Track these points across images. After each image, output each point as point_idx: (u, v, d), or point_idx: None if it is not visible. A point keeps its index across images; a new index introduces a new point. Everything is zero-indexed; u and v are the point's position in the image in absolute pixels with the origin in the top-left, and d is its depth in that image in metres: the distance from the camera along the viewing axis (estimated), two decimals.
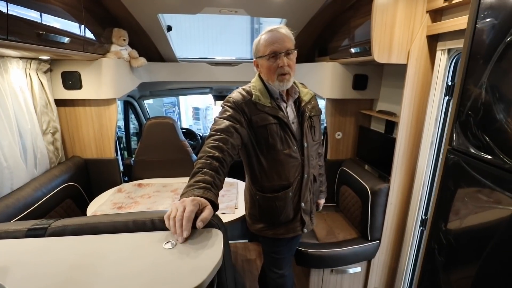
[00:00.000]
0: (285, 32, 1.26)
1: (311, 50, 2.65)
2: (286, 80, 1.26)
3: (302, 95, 1.40)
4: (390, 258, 2.05)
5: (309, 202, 1.47)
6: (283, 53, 1.23)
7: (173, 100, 7.30)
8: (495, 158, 0.80)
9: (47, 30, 1.40)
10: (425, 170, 1.75)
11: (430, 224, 1.16)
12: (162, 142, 2.46)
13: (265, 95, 1.31)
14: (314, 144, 1.44)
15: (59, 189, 1.90)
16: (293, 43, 1.28)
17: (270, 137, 1.30)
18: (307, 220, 1.48)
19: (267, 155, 1.34)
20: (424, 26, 1.58)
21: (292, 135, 1.34)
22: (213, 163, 1.06)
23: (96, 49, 1.94)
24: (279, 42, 1.22)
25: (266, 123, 1.28)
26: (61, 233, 0.95)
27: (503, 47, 0.75)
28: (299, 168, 1.38)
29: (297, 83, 1.42)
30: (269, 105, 1.29)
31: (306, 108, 1.38)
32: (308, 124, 1.38)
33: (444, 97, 1.62)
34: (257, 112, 1.28)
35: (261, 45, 1.26)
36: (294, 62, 1.30)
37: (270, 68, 1.26)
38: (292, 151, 1.34)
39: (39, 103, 1.91)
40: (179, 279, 0.74)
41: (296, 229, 1.47)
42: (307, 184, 1.42)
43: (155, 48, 2.47)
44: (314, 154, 1.47)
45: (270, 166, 1.36)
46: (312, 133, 1.41)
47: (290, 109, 1.38)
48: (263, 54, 1.25)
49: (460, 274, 1.03)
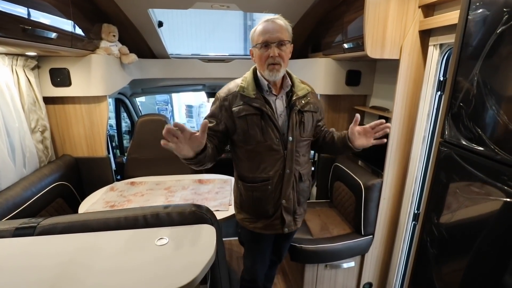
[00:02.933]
0: (281, 23, 1.25)
1: (305, 46, 2.65)
2: (276, 70, 1.25)
3: (296, 89, 1.37)
4: (383, 252, 2.07)
5: (292, 200, 1.42)
6: (275, 44, 1.22)
7: (166, 98, 7.24)
8: (487, 149, 0.81)
9: (33, 25, 1.36)
10: (418, 165, 1.76)
11: (423, 217, 1.17)
12: (154, 140, 2.42)
13: (252, 86, 1.31)
14: (303, 140, 1.39)
15: (49, 189, 1.86)
16: (289, 35, 1.27)
17: (250, 128, 1.29)
18: (288, 219, 1.43)
19: (247, 145, 1.34)
20: (416, 21, 1.59)
21: (275, 127, 1.31)
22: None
23: (85, 45, 1.90)
24: (271, 32, 1.22)
25: (246, 113, 1.28)
26: (51, 232, 0.93)
27: (494, 38, 0.75)
28: (281, 162, 1.35)
29: (293, 77, 1.41)
30: (253, 96, 1.29)
31: (296, 102, 1.34)
32: (297, 119, 1.35)
33: (436, 92, 1.63)
34: (239, 103, 1.29)
35: (255, 34, 1.27)
36: (288, 54, 1.28)
37: (260, 57, 1.26)
38: (273, 144, 1.32)
39: (27, 100, 1.86)
40: (171, 275, 0.73)
41: (275, 227, 1.44)
42: (290, 180, 1.37)
43: (146, 45, 2.44)
44: (303, 151, 1.42)
45: (251, 156, 1.35)
46: (301, 129, 1.37)
47: (280, 102, 1.36)
48: (256, 43, 1.26)
49: (452, 267, 1.04)
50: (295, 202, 1.44)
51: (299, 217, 1.51)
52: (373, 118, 2.23)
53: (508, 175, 0.76)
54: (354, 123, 1.33)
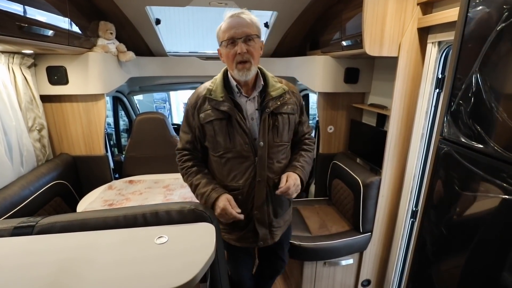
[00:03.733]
0: (246, 17, 1.15)
1: (303, 43, 2.64)
2: (246, 69, 1.15)
3: (270, 89, 1.25)
4: (382, 250, 2.08)
5: (266, 212, 1.31)
6: (241, 39, 1.12)
7: (164, 96, 7.21)
8: (486, 146, 0.81)
9: (29, 22, 1.35)
10: (416, 163, 1.77)
11: (421, 214, 1.17)
12: (152, 138, 2.43)
13: (220, 88, 1.22)
14: (277, 146, 1.27)
15: (47, 187, 1.85)
16: (257, 29, 1.18)
17: (217, 134, 1.22)
18: (262, 232, 1.33)
19: (216, 152, 1.26)
20: (415, 19, 1.58)
21: (244, 132, 1.21)
22: (192, 169, 1.30)
23: (82, 43, 1.89)
24: (237, 28, 1.12)
25: (212, 118, 1.20)
26: (49, 231, 0.93)
27: (494, 35, 0.75)
28: (252, 169, 1.24)
29: (268, 76, 1.29)
30: (221, 99, 1.20)
31: (269, 104, 1.22)
32: (270, 122, 1.23)
33: (435, 90, 1.63)
34: (205, 108, 1.22)
35: (221, 31, 1.17)
36: (257, 50, 1.18)
37: (228, 56, 1.16)
38: (243, 150, 1.22)
39: (24, 99, 1.85)
40: (171, 274, 0.73)
41: (247, 240, 1.35)
42: (262, 189, 1.27)
43: (144, 42, 2.42)
44: (278, 157, 1.29)
45: (221, 164, 1.27)
46: (275, 133, 1.25)
47: (252, 104, 1.25)
48: (222, 41, 1.17)
49: (451, 263, 1.05)
50: (270, 213, 1.33)
51: (277, 229, 1.40)
52: (372, 115, 2.23)
53: (507, 173, 0.76)
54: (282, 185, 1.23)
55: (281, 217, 1.40)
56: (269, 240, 1.38)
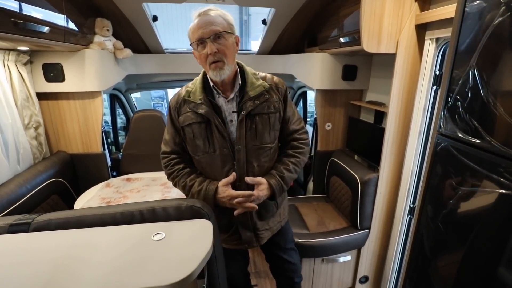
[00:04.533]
0: (214, 13, 1.08)
1: (301, 40, 2.64)
2: (219, 68, 1.09)
3: (249, 88, 1.18)
4: (379, 246, 2.09)
5: (249, 215, 1.27)
6: (210, 38, 1.06)
7: (162, 94, 7.18)
8: (483, 141, 0.81)
9: (24, 19, 1.34)
10: (413, 159, 1.77)
11: (419, 210, 1.17)
12: (150, 136, 2.42)
13: (200, 90, 1.18)
14: (257, 149, 1.21)
15: (44, 185, 1.85)
16: (227, 25, 1.10)
17: (196, 137, 1.19)
18: (246, 235, 1.30)
19: (196, 156, 1.24)
20: (412, 15, 1.58)
21: (221, 135, 1.16)
22: (185, 170, 1.27)
23: (78, 40, 1.87)
24: (204, 27, 1.06)
25: (190, 122, 1.18)
26: (46, 228, 0.92)
27: (491, 30, 0.75)
28: (231, 173, 1.20)
29: (248, 74, 1.22)
30: (199, 101, 1.16)
31: (246, 104, 1.16)
32: (247, 124, 1.17)
33: (432, 87, 1.63)
34: (185, 110, 1.19)
35: (190, 32, 1.11)
36: (230, 47, 1.11)
37: (200, 58, 1.12)
38: (221, 154, 1.18)
39: (20, 96, 1.83)
40: (168, 270, 0.73)
41: (232, 242, 1.33)
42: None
43: (141, 39, 2.41)
44: (260, 161, 1.23)
45: (202, 167, 1.26)
46: (253, 135, 1.19)
47: (231, 105, 1.20)
48: (191, 42, 1.11)
49: (448, 259, 1.05)
50: (253, 216, 1.29)
51: (264, 232, 1.35)
52: (370, 112, 2.23)
53: (504, 167, 0.76)
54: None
55: (268, 219, 1.35)
56: (254, 243, 1.34)
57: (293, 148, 1.32)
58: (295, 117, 1.33)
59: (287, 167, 1.27)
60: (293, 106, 1.33)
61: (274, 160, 1.31)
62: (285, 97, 1.27)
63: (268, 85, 1.21)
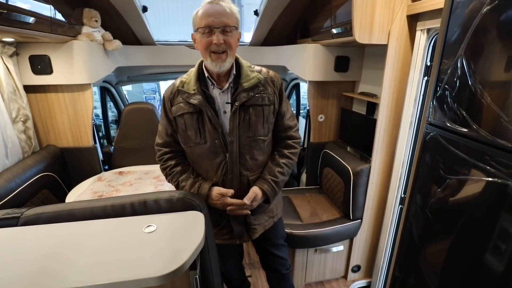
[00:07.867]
0: (226, 5, 1.09)
1: (293, 32, 2.62)
2: (221, 60, 1.10)
3: (243, 80, 1.18)
4: (371, 236, 2.12)
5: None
6: (219, 29, 1.07)
7: (154, 87, 7.10)
8: (470, 130, 0.82)
9: (8, 8, 1.30)
10: (405, 150, 1.79)
11: (408, 199, 1.19)
12: (142, 129, 2.39)
13: (194, 81, 1.18)
14: (250, 141, 1.21)
15: (34, 180, 1.82)
16: (236, 21, 1.12)
17: (188, 128, 1.19)
18: (238, 229, 1.30)
19: (187, 147, 1.24)
20: (404, 6, 1.58)
21: (214, 127, 1.16)
22: (176, 169, 1.27)
23: (65, 31, 1.82)
24: (215, 16, 1.06)
25: (182, 112, 1.18)
26: (35, 222, 0.91)
27: (479, 19, 0.76)
28: (224, 166, 1.21)
29: (243, 66, 1.22)
30: (192, 91, 1.16)
31: (240, 96, 1.16)
32: (241, 116, 1.17)
33: (423, 78, 1.64)
34: (177, 101, 1.20)
35: (197, 17, 1.10)
36: (235, 42, 1.13)
37: (201, 43, 1.11)
38: (213, 146, 1.18)
39: (6, 89, 1.79)
40: (160, 262, 0.73)
41: (223, 236, 1.33)
42: (234, 187, 1.23)
43: (131, 31, 2.36)
44: (253, 154, 1.23)
45: (193, 159, 1.26)
46: (246, 127, 1.19)
47: (225, 96, 1.20)
48: (198, 27, 1.10)
49: (436, 247, 1.07)
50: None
51: (256, 226, 1.35)
52: (362, 104, 2.24)
53: (490, 156, 0.78)
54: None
55: (260, 214, 1.35)
56: (245, 238, 1.34)
57: (287, 147, 1.32)
58: (289, 113, 1.33)
59: (281, 169, 1.28)
60: (287, 102, 1.34)
61: (268, 154, 1.31)
62: (280, 91, 1.27)
63: (263, 78, 1.22)
